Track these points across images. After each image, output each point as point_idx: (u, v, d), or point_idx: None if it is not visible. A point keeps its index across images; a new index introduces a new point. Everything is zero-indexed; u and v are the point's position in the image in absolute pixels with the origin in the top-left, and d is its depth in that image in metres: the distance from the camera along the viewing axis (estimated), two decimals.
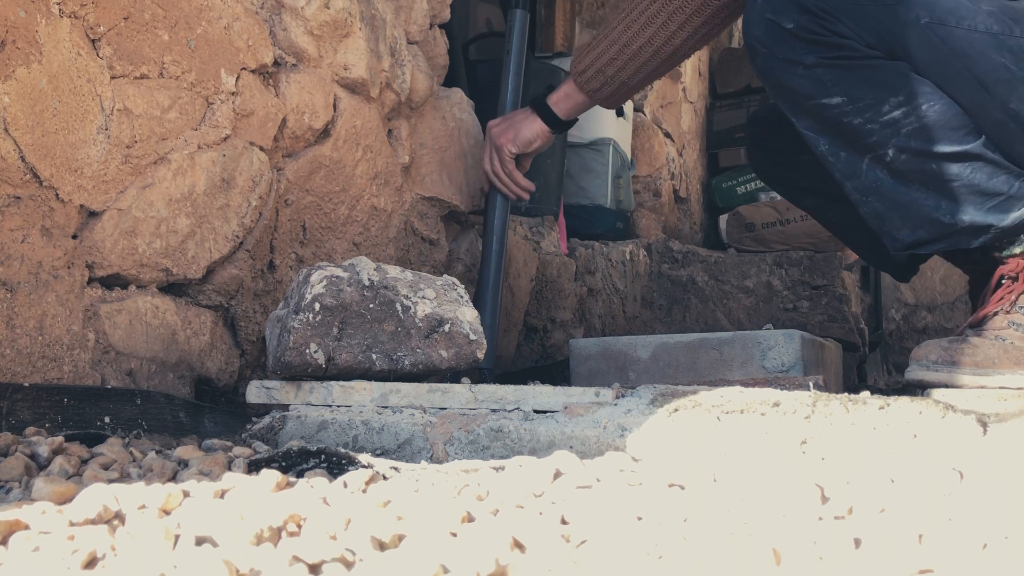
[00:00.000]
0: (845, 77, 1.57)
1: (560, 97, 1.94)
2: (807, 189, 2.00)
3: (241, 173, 1.50)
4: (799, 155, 1.93)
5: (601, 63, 1.84)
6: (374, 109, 1.83)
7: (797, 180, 2.02)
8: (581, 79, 1.87)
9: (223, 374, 1.53)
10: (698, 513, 0.82)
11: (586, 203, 2.99)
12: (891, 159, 1.58)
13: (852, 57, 1.55)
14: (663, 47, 1.80)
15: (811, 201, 2.04)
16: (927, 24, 1.53)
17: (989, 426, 1.11)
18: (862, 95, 1.57)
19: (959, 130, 1.55)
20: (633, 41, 1.80)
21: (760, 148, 2.04)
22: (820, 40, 1.54)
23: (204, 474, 0.99)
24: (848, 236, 2.03)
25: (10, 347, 1.18)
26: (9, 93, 1.14)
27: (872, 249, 1.94)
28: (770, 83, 1.62)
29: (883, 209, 1.63)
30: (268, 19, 1.57)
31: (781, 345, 1.92)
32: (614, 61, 1.83)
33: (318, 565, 0.66)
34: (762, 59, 1.60)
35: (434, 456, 1.21)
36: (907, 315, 4.10)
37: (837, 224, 2.04)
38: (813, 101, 1.59)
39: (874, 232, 1.70)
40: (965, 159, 1.56)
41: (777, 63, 1.58)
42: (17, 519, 0.70)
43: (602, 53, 1.84)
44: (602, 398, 1.25)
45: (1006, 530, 0.74)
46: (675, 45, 1.80)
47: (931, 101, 1.54)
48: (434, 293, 1.40)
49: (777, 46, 1.57)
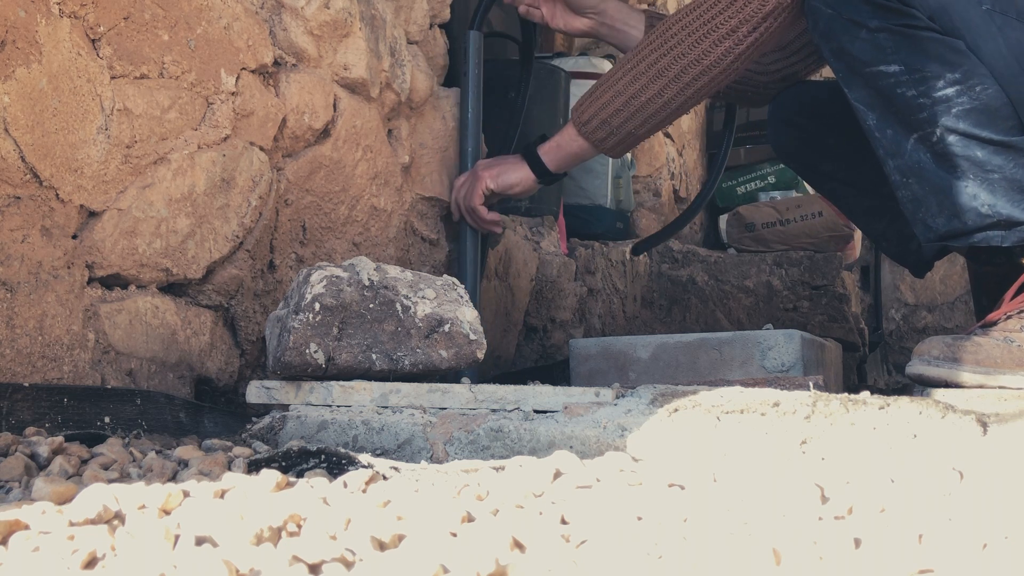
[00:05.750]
0: (905, 45, 1.57)
1: (552, 147, 1.86)
2: (827, 173, 2.01)
3: (241, 173, 1.50)
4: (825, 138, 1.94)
5: (606, 113, 1.78)
6: (374, 109, 1.83)
7: (818, 163, 2.02)
8: (586, 129, 1.80)
9: (223, 374, 1.54)
10: (698, 513, 0.82)
11: (586, 203, 2.98)
12: (937, 139, 1.57)
13: (915, 27, 1.56)
14: (672, 100, 1.74)
15: (830, 186, 2.05)
16: (988, 11, 1.54)
17: (989, 426, 1.11)
18: (920, 66, 1.57)
19: (1008, 120, 1.55)
20: (641, 93, 1.74)
21: (782, 123, 2.03)
22: (886, 5, 1.55)
23: (204, 474, 0.99)
24: (867, 224, 2.03)
25: (10, 347, 1.18)
26: (9, 93, 1.14)
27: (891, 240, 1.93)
28: (831, 46, 1.63)
29: (922, 193, 1.62)
30: (268, 19, 1.57)
31: (781, 345, 1.92)
32: (620, 112, 1.77)
33: (318, 565, 0.66)
34: (826, 21, 1.61)
35: (434, 456, 1.21)
36: (907, 315, 4.11)
37: (855, 211, 2.04)
38: (871, 68, 1.60)
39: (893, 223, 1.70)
40: (1010, 151, 1.55)
41: (840, 24, 1.59)
42: (17, 519, 0.70)
43: (607, 103, 1.77)
44: (602, 398, 1.25)
45: (1006, 530, 0.74)
46: (685, 97, 1.74)
47: (985, 84, 1.55)
48: (434, 293, 1.40)
49: (843, 6, 1.59)
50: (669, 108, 1.75)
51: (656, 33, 1.73)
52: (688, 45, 1.69)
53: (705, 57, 1.68)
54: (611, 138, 1.79)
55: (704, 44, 1.68)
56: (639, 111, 1.75)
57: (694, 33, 1.69)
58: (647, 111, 1.75)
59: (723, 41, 1.67)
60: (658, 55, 1.72)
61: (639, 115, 1.76)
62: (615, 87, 1.76)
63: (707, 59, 1.68)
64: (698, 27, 1.69)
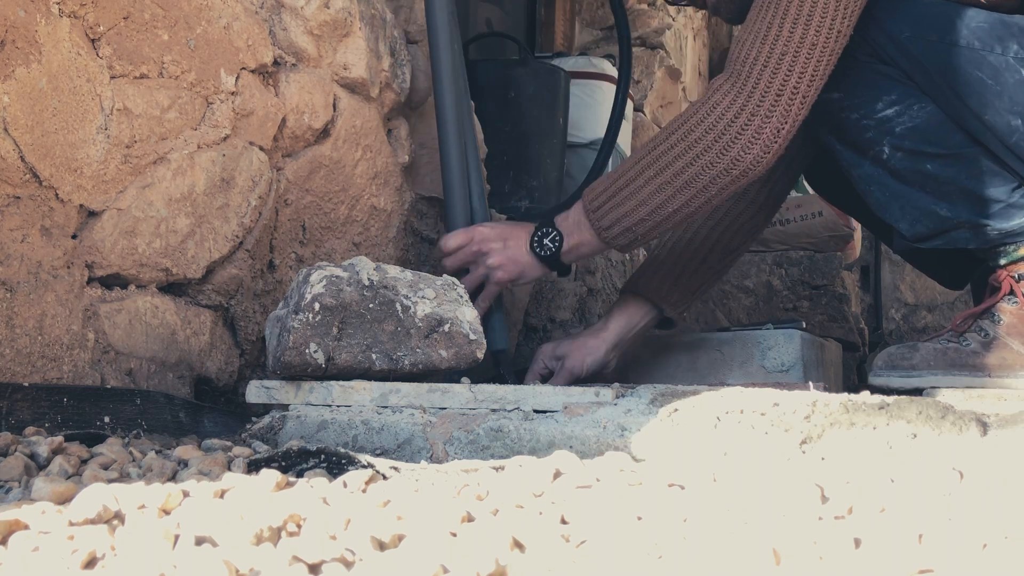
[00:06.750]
0: (842, 75, 1.63)
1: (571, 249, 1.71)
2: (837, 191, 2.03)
3: (241, 173, 1.50)
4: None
5: (630, 222, 1.65)
6: (374, 109, 1.83)
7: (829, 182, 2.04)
8: (607, 234, 1.67)
9: (223, 374, 1.53)
10: (698, 513, 0.82)
11: None
12: (887, 157, 1.66)
13: (849, 55, 1.61)
14: (701, 208, 1.63)
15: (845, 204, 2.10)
16: (908, 38, 1.61)
17: (989, 426, 1.11)
18: (857, 92, 1.65)
19: (954, 134, 1.62)
20: (668, 203, 1.61)
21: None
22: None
23: (204, 474, 0.99)
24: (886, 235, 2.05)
25: (9, 347, 1.17)
26: (9, 93, 1.14)
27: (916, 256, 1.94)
28: None
29: (884, 200, 1.70)
30: (268, 19, 1.57)
31: (781, 345, 1.93)
32: (644, 222, 1.64)
33: (318, 565, 0.66)
34: None
35: (434, 456, 1.21)
36: (907, 315, 4.10)
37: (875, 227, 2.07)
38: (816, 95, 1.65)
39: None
40: (960, 161, 1.61)
41: None
42: (17, 519, 0.70)
43: (630, 212, 1.64)
44: (602, 398, 1.25)
45: (1006, 530, 0.74)
46: (713, 205, 1.65)
47: (923, 103, 1.62)
48: (434, 293, 1.40)
49: None
50: (695, 216, 1.67)
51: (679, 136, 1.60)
52: (716, 152, 1.57)
53: (736, 165, 1.57)
54: (635, 244, 1.69)
55: (734, 151, 1.56)
56: (665, 221, 1.64)
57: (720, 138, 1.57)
58: (672, 220, 1.65)
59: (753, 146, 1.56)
60: (684, 163, 1.59)
61: (664, 224, 1.65)
62: (638, 195, 1.63)
63: (738, 167, 1.57)
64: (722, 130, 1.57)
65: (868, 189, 1.71)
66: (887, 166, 1.66)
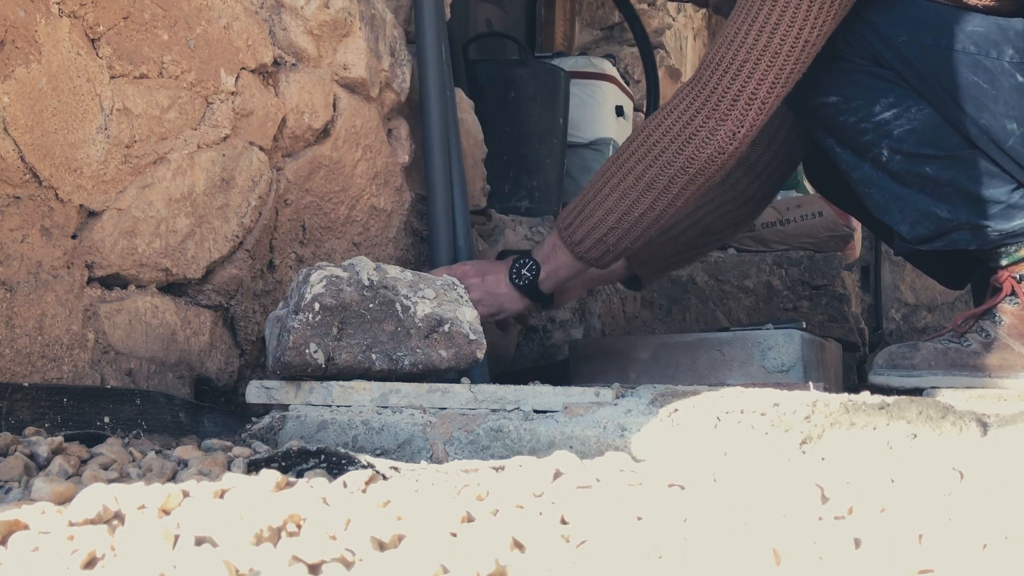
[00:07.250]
0: (839, 79, 1.65)
1: (549, 275, 1.71)
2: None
3: (241, 173, 1.50)
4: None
5: (600, 232, 1.64)
6: (374, 109, 1.83)
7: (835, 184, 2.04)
8: (579, 249, 1.66)
9: (223, 374, 1.53)
10: (698, 513, 0.82)
11: None
12: (886, 159, 1.67)
13: (845, 59, 1.64)
14: (666, 210, 1.62)
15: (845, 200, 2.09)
16: (904, 42, 1.62)
17: (989, 426, 1.11)
18: (854, 95, 1.66)
19: (951, 137, 1.63)
20: (634, 208, 1.61)
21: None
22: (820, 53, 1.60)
23: (204, 474, 0.99)
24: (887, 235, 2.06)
25: (9, 347, 1.17)
26: (9, 93, 1.14)
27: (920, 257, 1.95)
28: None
29: (884, 202, 1.71)
30: (268, 19, 1.57)
31: (781, 345, 1.92)
32: (614, 230, 1.63)
33: (318, 565, 0.66)
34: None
35: (434, 456, 1.21)
36: (907, 315, 4.10)
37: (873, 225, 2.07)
38: (812, 100, 1.68)
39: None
40: (958, 163, 1.62)
41: None
42: (17, 519, 0.70)
43: (600, 222, 1.64)
44: (602, 398, 1.25)
45: (1006, 530, 0.74)
46: (678, 206, 1.63)
47: (920, 105, 1.63)
48: (434, 293, 1.40)
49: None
50: (664, 217, 1.64)
51: (639, 141, 1.62)
52: (672, 152, 1.57)
53: (691, 165, 1.57)
54: (608, 255, 1.67)
55: (688, 150, 1.57)
56: (634, 226, 1.63)
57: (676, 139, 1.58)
58: (642, 224, 1.63)
59: (707, 146, 1.56)
60: (644, 166, 1.60)
61: (634, 230, 1.64)
62: (604, 204, 1.63)
63: (693, 166, 1.57)
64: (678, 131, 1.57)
65: (868, 191, 1.71)
66: (886, 168, 1.66)
